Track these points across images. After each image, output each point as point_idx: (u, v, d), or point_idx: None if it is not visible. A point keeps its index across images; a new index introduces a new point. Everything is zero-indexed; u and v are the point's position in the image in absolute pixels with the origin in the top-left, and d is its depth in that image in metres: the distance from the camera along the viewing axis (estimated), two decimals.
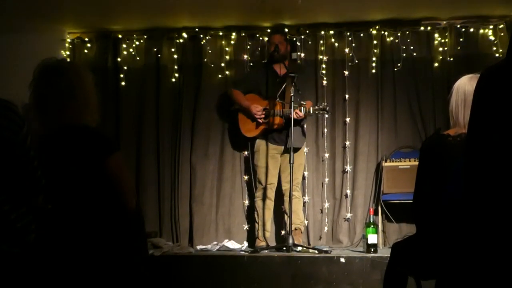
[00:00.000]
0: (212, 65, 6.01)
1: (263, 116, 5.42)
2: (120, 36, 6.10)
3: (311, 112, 5.30)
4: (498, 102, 1.54)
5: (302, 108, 5.22)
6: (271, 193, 5.47)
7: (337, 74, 5.94)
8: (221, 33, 6.03)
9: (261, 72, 5.62)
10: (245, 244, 5.64)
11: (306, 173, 5.80)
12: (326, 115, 5.57)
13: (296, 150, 5.29)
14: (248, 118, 5.51)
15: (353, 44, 5.89)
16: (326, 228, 5.79)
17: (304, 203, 5.73)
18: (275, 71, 5.52)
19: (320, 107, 5.27)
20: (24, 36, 5.83)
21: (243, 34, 6.01)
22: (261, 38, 6.00)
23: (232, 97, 5.64)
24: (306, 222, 5.71)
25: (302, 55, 5.91)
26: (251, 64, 5.95)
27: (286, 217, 5.44)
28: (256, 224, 5.51)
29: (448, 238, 2.56)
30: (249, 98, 5.54)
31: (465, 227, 1.63)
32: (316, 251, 4.87)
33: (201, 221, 5.86)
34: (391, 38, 5.88)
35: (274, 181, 5.48)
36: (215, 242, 5.60)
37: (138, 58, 6.08)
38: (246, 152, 5.86)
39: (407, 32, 5.85)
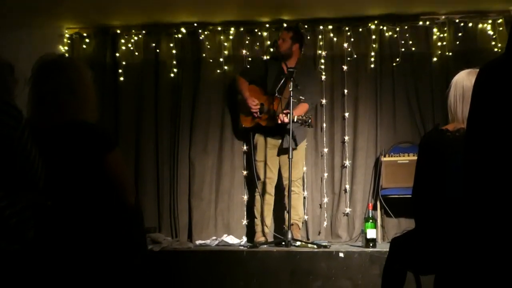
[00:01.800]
0: (211, 60, 6.01)
1: (256, 110, 5.41)
2: (118, 31, 6.09)
3: (295, 120, 5.18)
4: (497, 96, 1.54)
5: (288, 114, 5.11)
6: (270, 188, 5.47)
7: (336, 69, 5.94)
8: (219, 28, 6.02)
9: (268, 65, 5.61)
10: (244, 239, 5.64)
11: (304, 168, 5.80)
12: (308, 128, 5.34)
13: (288, 149, 5.24)
14: (247, 109, 5.52)
15: (352, 39, 5.88)
16: (325, 223, 5.80)
17: (304, 198, 5.72)
18: (281, 67, 5.48)
19: (303, 118, 5.14)
20: (22, 32, 5.82)
21: (242, 29, 6.00)
22: (259, 33, 6.00)
23: (237, 84, 5.67)
24: (306, 217, 5.70)
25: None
26: (267, 57, 5.90)
27: (286, 213, 5.44)
28: (256, 219, 5.52)
29: (447, 233, 2.56)
30: (251, 89, 5.56)
31: (464, 222, 1.63)
32: (315, 246, 4.87)
33: (200, 216, 5.86)
34: (390, 33, 5.88)
35: (272, 175, 5.47)
36: (214, 237, 5.60)
37: (136, 54, 6.08)
38: (245, 147, 5.86)
39: (406, 27, 5.85)
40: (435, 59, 5.82)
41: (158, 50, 6.07)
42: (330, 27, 5.91)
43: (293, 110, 5.09)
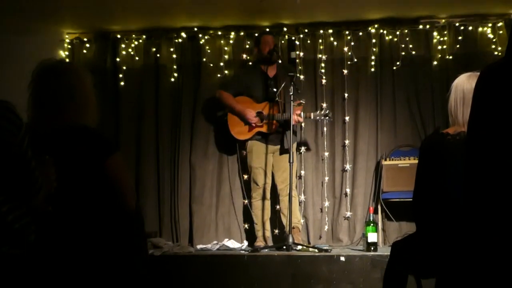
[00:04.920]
0: (211, 65, 6.01)
1: (256, 121, 5.40)
2: (119, 36, 6.10)
3: (312, 118, 5.29)
4: (498, 100, 1.54)
5: (301, 113, 5.21)
6: (267, 193, 5.47)
7: (336, 73, 5.94)
8: (220, 33, 6.03)
9: (251, 74, 5.58)
10: (245, 243, 5.64)
11: (303, 172, 5.81)
12: (327, 121, 5.49)
13: (288, 151, 5.26)
14: (240, 121, 5.46)
15: (352, 43, 5.89)
16: (326, 227, 5.80)
17: (300, 202, 5.72)
18: (263, 72, 5.48)
19: (322, 112, 5.26)
20: (23, 37, 5.83)
21: (242, 33, 6.01)
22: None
23: (222, 100, 5.55)
24: (302, 221, 5.69)
25: (301, 54, 5.91)
26: (248, 64, 5.92)
27: (282, 216, 5.44)
28: (255, 225, 5.51)
29: (448, 237, 2.56)
30: (240, 100, 5.50)
31: (465, 226, 1.63)
32: (316, 250, 4.87)
33: (201, 220, 5.86)
34: (390, 37, 5.88)
35: (268, 181, 5.47)
36: (215, 242, 5.60)
37: (137, 58, 6.08)
38: (245, 152, 5.85)
39: (406, 31, 5.86)
40: (435, 62, 5.82)
41: (158, 55, 6.08)
42: (330, 31, 5.91)
43: (296, 111, 5.18)
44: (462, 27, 5.80)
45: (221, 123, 5.67)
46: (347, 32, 5.89)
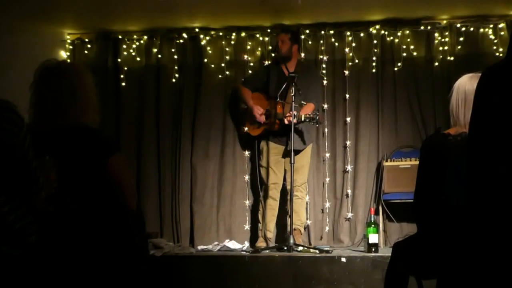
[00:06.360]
0: (212, 66, 6.02)
1: (262, 119, 5.42)
2: (120, 36, 6.10)
3: (303, 119, 5.20)
4: (499, 101, 1.54)
5: (295, 113, 5.13)
6: (275, 193, 5.46)
7: (338, 74, 5.93)
8: (221, 34, 6.03)
9: (268, 71, 5.63)
10: (246, 244, 5.64)
11: None
12: (316, 125, 5.40)
13: (298, 152, 5.28)
14: (253, 117, 5.52)
15: (353, 44, 5.88)
16: (327, 228, 5.79)
17: (306, 203, 5.71)
18: (282, 71, 5.48)
19: (310, 116, 5.16)
20: (24, 37, 5.82)
21: (243, 34, 6.01)
22: (261, 38, 6.01)
23: (239, 94, 5.69)
24: (308, 222, 5.68)
25: (303, 55, 5.91)
26: (268, 62, 5.91)
27: (288, 217, 5.44)
28: (259, 224, 5.52)
29: (449, 238, 2.56)
30: (254, 97, 5.57)
31: (466, 227, 1.63)
32: (317, 251, 4.87)
33: (202, 221, 5.86)
34: (391, 38, 5.88)
35: (277, 181, 5.46)
36: (216, 242, 5.59)
37: (138, 59, 6.09)
38: (247, 152, 5.86)
39: (407, 32, 5.85)
40: (436, 63, 5.82)
41: (159, 55, 6.08)
42: (332, 31, 5.91)
43: (300, 111, 5.15)
44: (463, 28, 5.80)
45: (235, 117, 5.80)
46: (348, 33, 5.89)
